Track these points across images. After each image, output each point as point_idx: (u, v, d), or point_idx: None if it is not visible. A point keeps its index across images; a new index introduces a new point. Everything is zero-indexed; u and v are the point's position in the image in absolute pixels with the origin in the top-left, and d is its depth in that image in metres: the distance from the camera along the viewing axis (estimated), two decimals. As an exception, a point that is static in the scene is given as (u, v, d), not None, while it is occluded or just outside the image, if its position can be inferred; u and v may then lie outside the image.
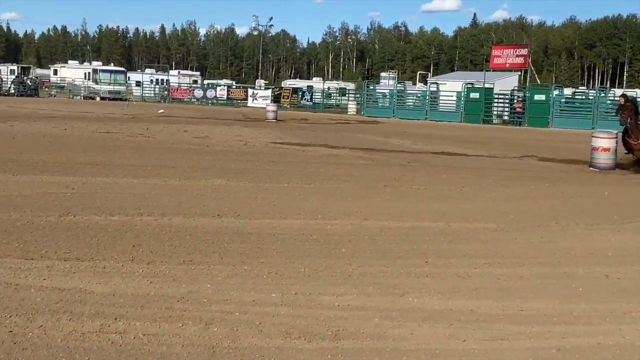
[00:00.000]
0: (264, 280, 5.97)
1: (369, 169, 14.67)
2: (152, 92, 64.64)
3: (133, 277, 5.85)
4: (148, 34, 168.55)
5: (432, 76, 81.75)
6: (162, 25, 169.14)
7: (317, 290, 5.78)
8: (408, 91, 54.00)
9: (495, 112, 43.18)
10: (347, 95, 59.52)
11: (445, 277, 6.37)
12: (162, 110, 38.82)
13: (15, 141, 16.78)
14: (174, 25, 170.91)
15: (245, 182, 11.59)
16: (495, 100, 43.30)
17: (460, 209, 9.96)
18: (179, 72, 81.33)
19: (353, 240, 7.63)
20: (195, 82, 71.81)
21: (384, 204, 10.17)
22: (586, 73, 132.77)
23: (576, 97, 49.62)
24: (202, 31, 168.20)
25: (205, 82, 79.85)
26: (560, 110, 40.39)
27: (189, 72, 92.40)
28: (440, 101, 45.92)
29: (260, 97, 54.97)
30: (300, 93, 57.18)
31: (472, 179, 13.54)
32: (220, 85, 65.01)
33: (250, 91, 58.34)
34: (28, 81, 60.19)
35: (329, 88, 61.81)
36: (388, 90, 52.44)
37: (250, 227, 8.05)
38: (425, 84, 63.48)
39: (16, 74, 61.88)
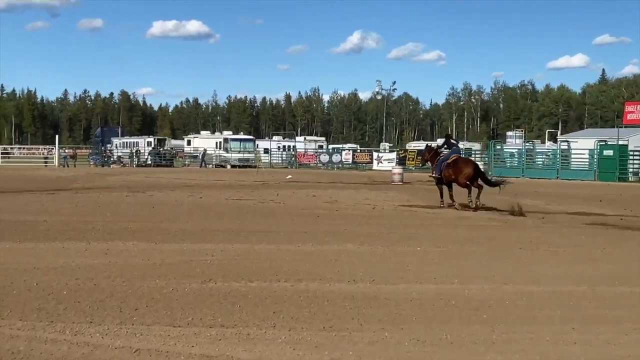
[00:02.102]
0: (405, 348, 5.90)
1: (501, 231, 14.36)
2: (280, 158, 66.36)
3: (276, 344, 5.92)
4: (274, 102, 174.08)
5: (561, 134, 79.74)
6: (287, 94, 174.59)
7: (461, 358, 5.65)
8: (537, 150, 52.92)
9: (631, 170, 41.58)
10: (473, 155, 58.90)
11: (594, 345, 6.10)
12: (290, 176, 39.65)
13: (155, 210, 17.49)
14: (299, 92, 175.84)
15: (377, 246, 11.58)
16: (631, 157, 41.73)
17: (603, 272, 9.56)
18: (304, 138, 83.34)
19: (493, 305, 7.44)
20: (320, 147, 73.26)
21: (522, 267, 9.89)
22: None
23: None
24: (326, 97, 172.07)
25: (331, 146, 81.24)
26: (702, 165, 38.51)
27: (314, 137, 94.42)
28: (572, 159, 44.72)
29: (385, 160, 55.29)
30: (426, 155, 57.02)
31: (613, 240, 13.00)
32: (345, 150, 65.95)
33: (375, 154, 58.81)
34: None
35: (454, 149, 61.34)
36: (516, 150, 51.58)
37: (387, 292, 8.01)
38: (555, 142, 62.01)
39: (153, 145, 65.07)
